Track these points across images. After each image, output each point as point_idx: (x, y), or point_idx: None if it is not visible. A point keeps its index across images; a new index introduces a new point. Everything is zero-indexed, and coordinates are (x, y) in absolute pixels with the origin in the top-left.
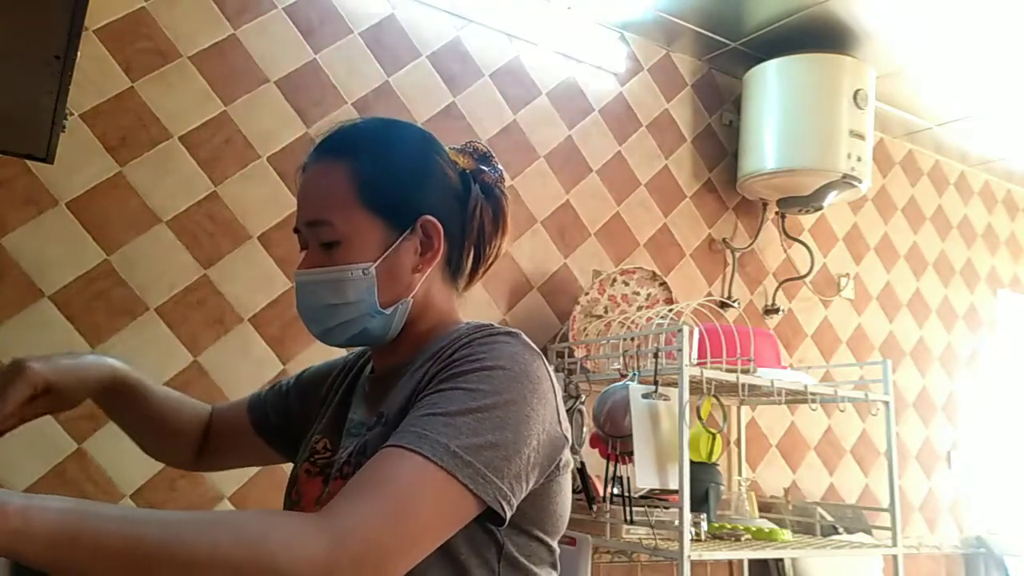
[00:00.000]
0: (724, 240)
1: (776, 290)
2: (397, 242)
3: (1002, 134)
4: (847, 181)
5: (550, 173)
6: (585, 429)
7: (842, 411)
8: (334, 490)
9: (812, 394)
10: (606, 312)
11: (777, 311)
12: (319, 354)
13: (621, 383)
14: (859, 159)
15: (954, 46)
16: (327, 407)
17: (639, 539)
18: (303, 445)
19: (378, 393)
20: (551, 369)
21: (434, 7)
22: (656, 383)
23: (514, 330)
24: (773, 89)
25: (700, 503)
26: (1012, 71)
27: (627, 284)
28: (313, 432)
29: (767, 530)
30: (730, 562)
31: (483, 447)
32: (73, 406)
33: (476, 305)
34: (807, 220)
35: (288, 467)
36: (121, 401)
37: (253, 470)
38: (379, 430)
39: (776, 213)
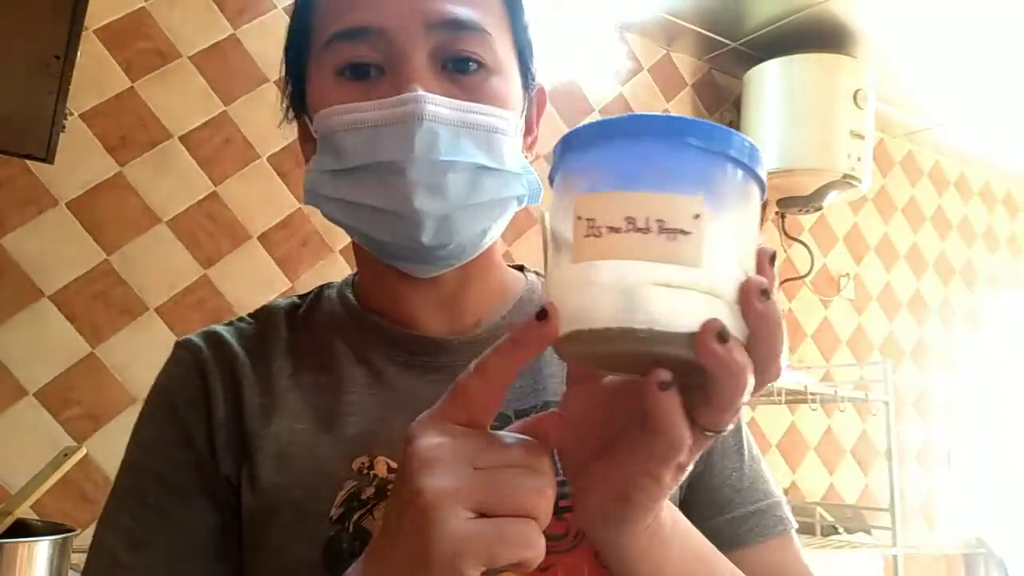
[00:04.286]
0: None
1: (776, 290)
2: (525, 105)
3: (1002, 134)
4: (847, 181)
5: None
6: None
7: (842, 411)
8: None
9: (812, 394)
10: None
11: None
12: None
13: None
14: (859, 159)
15: (954, 46)
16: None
17: None
18: None
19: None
20: None
21: None
22: None
23: None
24: (773, 89)
25: None
26: (1012, 70)
27: None
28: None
29: None
30: None
31: None
32: None
33: None
34: (807, 220)
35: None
36: None
37: None
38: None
39: (776, 213)
